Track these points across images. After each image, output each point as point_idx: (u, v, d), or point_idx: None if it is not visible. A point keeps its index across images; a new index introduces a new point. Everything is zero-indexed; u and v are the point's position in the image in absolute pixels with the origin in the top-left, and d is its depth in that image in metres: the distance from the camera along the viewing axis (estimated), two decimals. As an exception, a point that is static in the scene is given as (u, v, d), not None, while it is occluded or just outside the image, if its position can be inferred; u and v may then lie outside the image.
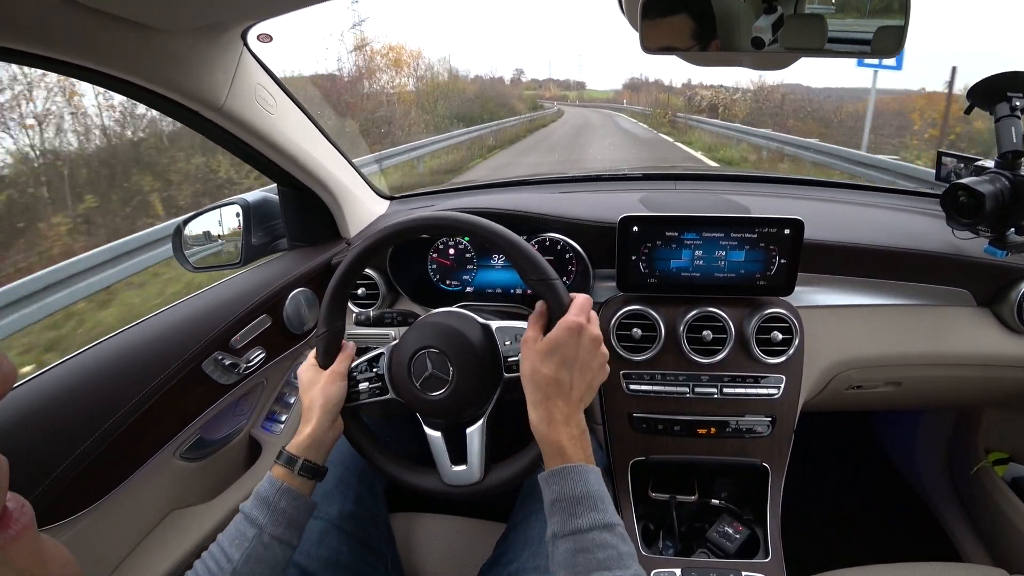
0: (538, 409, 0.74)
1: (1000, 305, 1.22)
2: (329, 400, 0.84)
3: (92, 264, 4.04)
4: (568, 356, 0.75)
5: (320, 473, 0.83)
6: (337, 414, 0.86)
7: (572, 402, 0.75)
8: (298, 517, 0.79)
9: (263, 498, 0.77)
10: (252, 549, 0.73)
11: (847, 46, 0.79)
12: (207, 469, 1.15)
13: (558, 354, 0.75)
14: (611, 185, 1.75)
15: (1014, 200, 1.06)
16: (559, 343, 0.75)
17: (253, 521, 0.75)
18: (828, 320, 1.22)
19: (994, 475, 1.49)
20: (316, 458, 0.82)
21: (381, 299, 1.34)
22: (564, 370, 0.75)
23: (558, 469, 0.71)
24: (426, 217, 0.89)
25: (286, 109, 1.18)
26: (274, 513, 0.76)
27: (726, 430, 1.18)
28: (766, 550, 1.11)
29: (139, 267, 4.43)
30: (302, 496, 0.80)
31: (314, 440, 0.82)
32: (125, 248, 4.31)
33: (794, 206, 1.50)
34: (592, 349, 0.77)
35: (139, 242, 4.43)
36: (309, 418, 0.83)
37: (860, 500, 1.84)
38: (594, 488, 0.69)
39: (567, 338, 0.75)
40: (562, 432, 0.72)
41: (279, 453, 0.81)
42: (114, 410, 0.91)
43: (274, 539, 0.75)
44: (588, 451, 0.73)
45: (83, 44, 0.77)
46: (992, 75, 1.08)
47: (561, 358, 0.75)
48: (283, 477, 0.79)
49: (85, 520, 0.89)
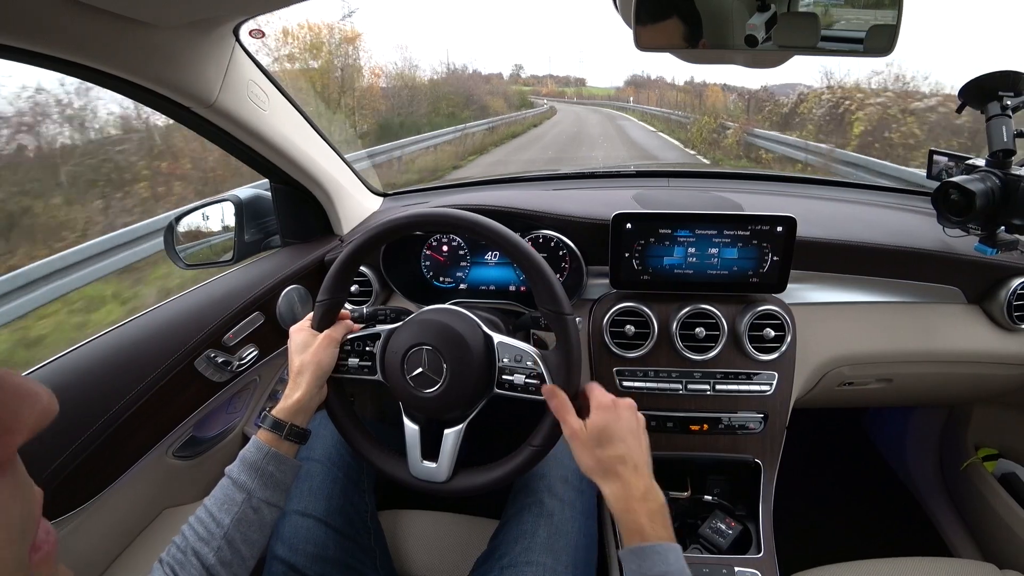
0: (616, 498, 0.75)
1: (990, 302, 1.24)
2: (320, 365, 0.85)
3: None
4: (618, 431, 0.77)
5: (305, 437, 0.84)
6: (325, 381, 0.87)
7: (642, 473, 0.76)
8: (285, 480, 0.80)
9: (250, 463, 0.77)
10: (242, 513, 0.74)
11: (840, 44, 0.79)
12: (200, 467, 1.15)
13: (608, 434, 0.77)
14: (604, 182, 1.75)
15: (1004, 198, 1.07)
16: (605, 424, 0.77)
17: (241, 486, 0.76)
18: (820, 317, 1.23)
19: (983, 471, 1.50)
20: (302, 422, 0.83)
21: (374, 296, 1.33)
22: (622, 444, 0.76)
23: (637, 548, 0.71)
24: (449, 214, 0.87)
25: (279, 105, 1.17)
26: (262, 477, 0.77)
27: (719, 426, 1.18)
28: (758, 546, 1.12)
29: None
30: (288, 459, 0.81)
31: (301, 406, 0.83)
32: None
33: (787, 203, 1.51)
34: (631, 416, 0.81)
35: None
36: (299, 382, 0.84)
37: (851, 496, 1.86)
38: (674, 568, 0.69)
39: (609, 416, 0.78)
40: (640, 509, 0.73)
41: (263, 417, 0.82)
42: (106, 408, 0.90)
43: (263, 502, 0.76)
44: (668, 526, 0.74)
45: (74, 40, 0.76)
46: (983, 74, 1.09)
47: (612, 435, 0.77)
48: (270, 442, 0.79)
49: (77, 519, 0.88)
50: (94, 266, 3.92)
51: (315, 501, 0.99)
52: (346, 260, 0.89)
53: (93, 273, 3.89)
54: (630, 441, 0.77)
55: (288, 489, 0.81)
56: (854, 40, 0.79)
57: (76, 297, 3.77)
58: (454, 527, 1.15)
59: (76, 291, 3.76)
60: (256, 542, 0.76)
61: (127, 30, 0.79)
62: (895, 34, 0.77)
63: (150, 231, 4.26)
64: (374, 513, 1.08)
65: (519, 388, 0.84)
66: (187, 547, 0.71)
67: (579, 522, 1.00)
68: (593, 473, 0.77)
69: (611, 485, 0.75)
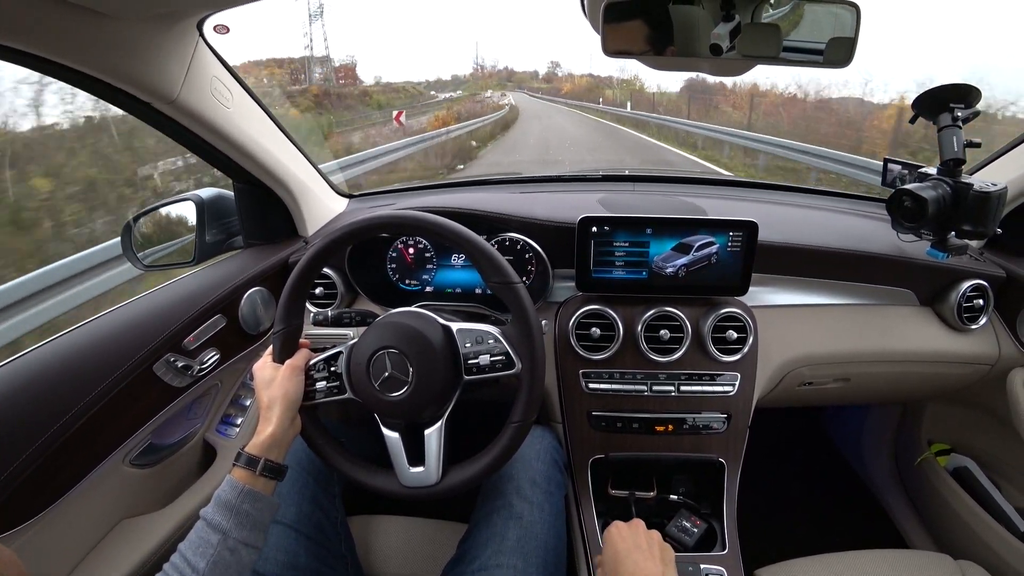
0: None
1: (941, 304, 1.28)
2: (288, 395, 0.84)
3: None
4: (628, 545, 0.82)
5: (281, 472, 0.82)
6: (296, 411, 0.85)
7: (656, 561, 0.80)
8: (262, 519, 0.77)
9: (224, 502, 0.75)
10: (218, 555, 0.71)
11: (801, 55, 0.81)
12: (159, 475, 1.11)
13: (615, 558, 0.81)
14: (570, 186, 1.76)
15: (955, 205, 1.11)
16: (614, 551, 0.82)
17: (216, 527, 0.73)
18: (781, 319, 1.26)
19: (937, 466, 1.56)
20: (277, 457, 0.81)
21: (339, 299, 1.32)
22: (638, 553, 0.81)
23: None
24: (402, 216, 0.87)
25: (243, 103, 1.15)
26: (238, 516, 0.74)
27: (683, 427, 1.20)
28: (723, 543, 1.14)
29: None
30: (265, 496, 0.78)
31: (275, 440, 0.81)
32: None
33: (748, 208, 1.54)
34: (636, 534, 0.85)
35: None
36: (269, 417, 0.82)
37: (812, 492, 1.91)
38: None
39: (617, 542, 0.83)
40: None
41: (237, 455, 0.79)
42: (59, 415, 0.87)
43: (240, 543, 0.73)
44: None
45: (30, 30, 0.73)
46: (935, 87, 1.13)
47: (617, 558, 0.81)
48: (245, 479, 0.77)
49: (29, 532, 0.85)
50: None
51: (285, 508, 0.98)
52: (298, 279, 0.88)
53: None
54: (636, 556, 0.80)
55: (266, 528, 0.79)
56: (814, 51, 0.81)
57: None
58: (423, 532, 1.14)
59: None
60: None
61: (86, 21, 0.77)
62: (853, 47, 0.79)
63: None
64: (344, 519, 1.07)
65: (487, 369, 0.85)
66: None
67: (548, 523, 1.00)
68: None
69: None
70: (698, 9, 0.79)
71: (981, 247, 1.37)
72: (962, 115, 1.12)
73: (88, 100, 5.22)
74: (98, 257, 3.47)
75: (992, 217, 1.09)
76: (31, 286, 3.03)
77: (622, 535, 0.84)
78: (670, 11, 0.80)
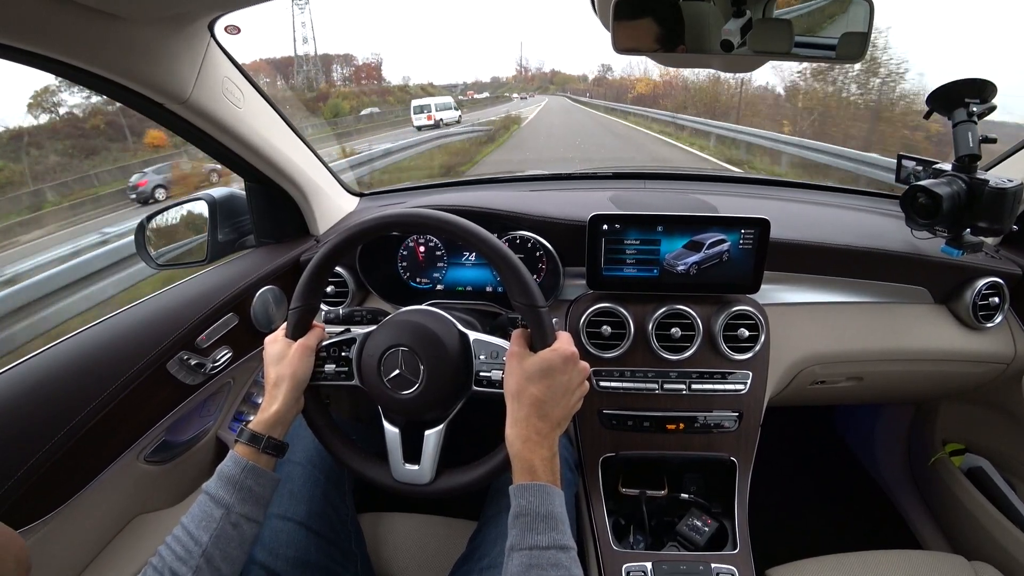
0: (517, 426, 0.75)
1: (956, 302, 1.27)
2: (296, 374, 0.84)
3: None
4: (558, 382, 0.77)
5: (283, 449, 0.83)
6: (302, 391, 0.86)
7: (551, 424, 0.76)
8: (264, 494, 0.79)
9: (228, 477, 0.76)
10: (220, 529, 0.72)
11: (813, 51, 0.81)
12: (172, 472, 1.13)
13: (549, 377, 0.76)
14: (581, 184, 1.76)
15: (970, 202, 1.10)
16: (552, 367, 0.77)
17: (219, 501, 0.74)
18: (793, 317, 1.25)
19: (951, 466, 1.54)
20: (280, 435, 0.82)
21: (351, 297, 1.32)
22: (551, 393, 0.76)
23: (527, 485, 0.72)
24: (421, 214, 0.85)
25: (254, 103, 1.15)
26: (241, 491, 0.75)
27: (694, 425, 1.19)
28: (734, 542, 1.14)
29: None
30: (267, 472, 0.79)
31: (279, 418, 0.82)
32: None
33: (760, 206, 1.53)
34: (580, 379, 0.80)
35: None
36: (276, 394, 0.83)
37: (824, 492, 1.89)
38: (558, 510, 0.71)
39: (560, 364, 0.77)
40: (536, 452, 0.73)
41: (240, 432, 0.80)
42: (75, 413, 0.88)
43: (242, 517, 0.74)
44: (556, 474, 0.75)
45: (44, 32, 0.74)
46: (950, 82, 1.12)
47: (551, 381, 0.76)
48: (248, 455, 0.78)
49: (45, 527, 0.86)
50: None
51: (296, 505, 0.98)
52: (318, 265, 0.87)
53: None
54: (557, 391, 0.77)
55: (267, 503, 0.80)
56: (826, 47, 0.80)
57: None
58: (433, 529, 1.15)
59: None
60: (236, 559, 0.74)
61: (99, 24, 0.78)
62: (866, 41, 0.78)
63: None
64: (354, 516, 1.07)
65: (497, 384, 0.84)
66: (164, 567, 0.69)
67: None
68: (508, 396, 0.78)
69: (518, 421, 0.75)
70: (708, 5, 0.79)
71: (997, 244, 1.35)
72: (978, 110, 1.10)
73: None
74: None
75: (1008, 214, 1.08)
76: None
77: (566, 367, 0.78)
78: (681, 7, 0.79)
